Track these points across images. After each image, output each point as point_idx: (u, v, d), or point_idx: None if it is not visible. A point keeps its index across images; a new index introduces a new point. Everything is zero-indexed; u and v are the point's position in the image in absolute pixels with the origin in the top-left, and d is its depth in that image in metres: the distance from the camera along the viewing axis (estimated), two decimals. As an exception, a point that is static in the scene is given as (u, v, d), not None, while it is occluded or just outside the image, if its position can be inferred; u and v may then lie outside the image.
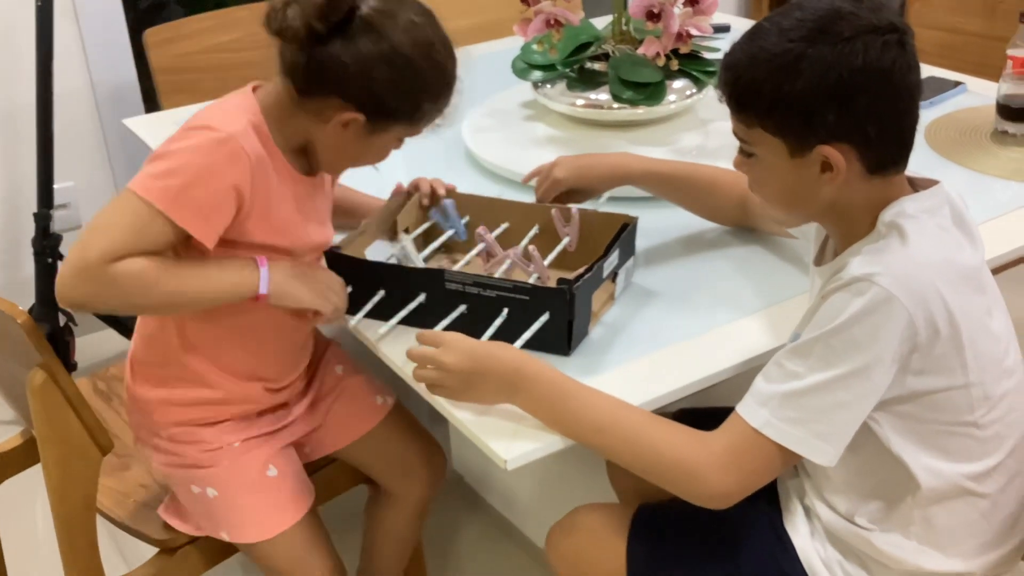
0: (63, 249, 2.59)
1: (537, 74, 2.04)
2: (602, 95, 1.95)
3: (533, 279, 1.42)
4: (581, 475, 1.84)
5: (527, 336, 1.31)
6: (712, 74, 1.94)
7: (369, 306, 1.40)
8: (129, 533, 1.57)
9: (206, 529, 1.51)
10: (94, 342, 2.87)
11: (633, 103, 1.91)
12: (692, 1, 1.87)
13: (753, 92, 1.15)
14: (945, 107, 2.04)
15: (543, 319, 1.32)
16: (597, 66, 1.99)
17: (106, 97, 2.82)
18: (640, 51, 1.91)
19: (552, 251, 1.49)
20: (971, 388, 1.17)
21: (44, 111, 2.53)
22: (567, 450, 1.22)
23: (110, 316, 2.69)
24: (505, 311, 1.34)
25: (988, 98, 1.95)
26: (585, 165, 1.58)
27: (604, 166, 1.58)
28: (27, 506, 2.26)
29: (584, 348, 1.36)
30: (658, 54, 1.88)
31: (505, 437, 1.21)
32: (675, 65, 1.90)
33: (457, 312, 1.36)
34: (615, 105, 1.93)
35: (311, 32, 1.23)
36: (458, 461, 2.29)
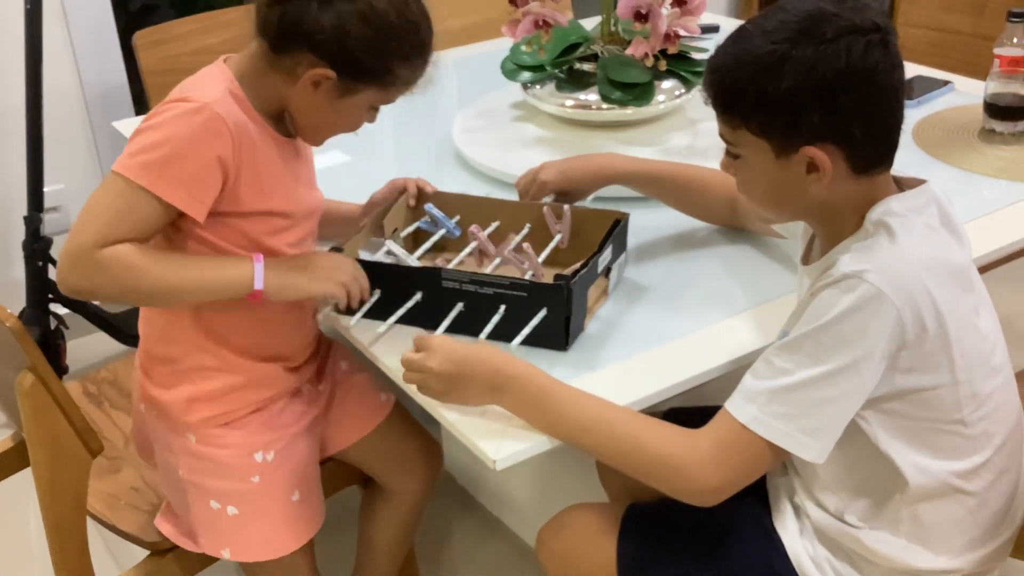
0: (54, 252, 2.59)
1: (526, 75, 2.04)
2: (591, 96, 1.95)
3: (528, 276, 1.42)
4: (572, 475, 1.84)
5: (525, 332, 1.32)
6: (700, 74, 1.94)
7: (367, 306, 1.40)
8: (119, 535, 1.56)
9: (204, 546, 1.47)
10: (85, 345, 2.86)
11: (622, 103, 1.92)
12: (680, 2, 1.87)
13: (737, 94, 1.15)
14: (933, 106, 2.05)
15: (541, 315, 1.33)
16: (586, 67, 1.99)
17: (96, 100, 2.82)
18: (628, 52, 1.91)
19: (545, 248, 1.49)
20: (959, 386, 1.17)
21: (34, 114, 2.52)
22: (557, 450, 1.22)
23: (101, 319, 2.69)
24: (502, 308, 1.34)
25: (976, 97, 1.96)
26: (571, 167, 1.58)
27: (590, 167, 1.58)
28: (18, 509, 2.25)
29: (580, 344, 1.37)
30: (646, 55, 1.89)
31: (494, 437, 1.21)
32: (663, 66, 1.91)
33: (455, 311, 1.36)
34: (604, 106, 1.93)
35: None
36: (449, 461, 2.27)
